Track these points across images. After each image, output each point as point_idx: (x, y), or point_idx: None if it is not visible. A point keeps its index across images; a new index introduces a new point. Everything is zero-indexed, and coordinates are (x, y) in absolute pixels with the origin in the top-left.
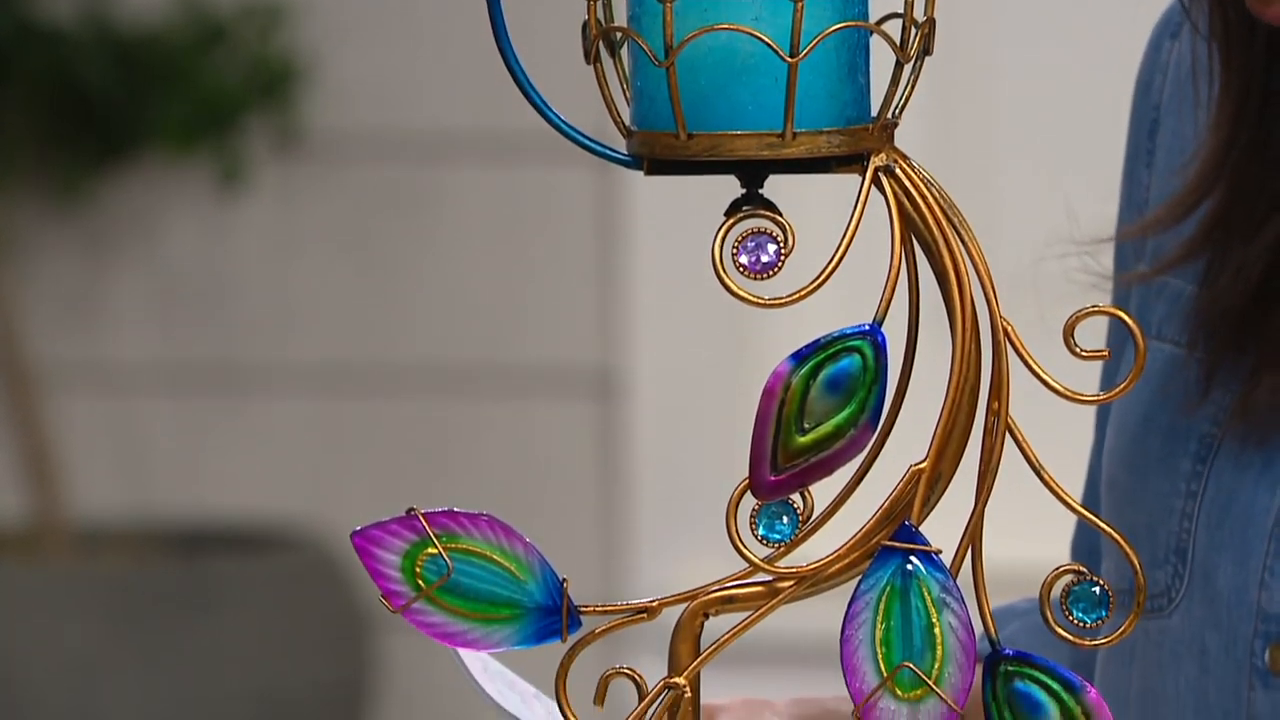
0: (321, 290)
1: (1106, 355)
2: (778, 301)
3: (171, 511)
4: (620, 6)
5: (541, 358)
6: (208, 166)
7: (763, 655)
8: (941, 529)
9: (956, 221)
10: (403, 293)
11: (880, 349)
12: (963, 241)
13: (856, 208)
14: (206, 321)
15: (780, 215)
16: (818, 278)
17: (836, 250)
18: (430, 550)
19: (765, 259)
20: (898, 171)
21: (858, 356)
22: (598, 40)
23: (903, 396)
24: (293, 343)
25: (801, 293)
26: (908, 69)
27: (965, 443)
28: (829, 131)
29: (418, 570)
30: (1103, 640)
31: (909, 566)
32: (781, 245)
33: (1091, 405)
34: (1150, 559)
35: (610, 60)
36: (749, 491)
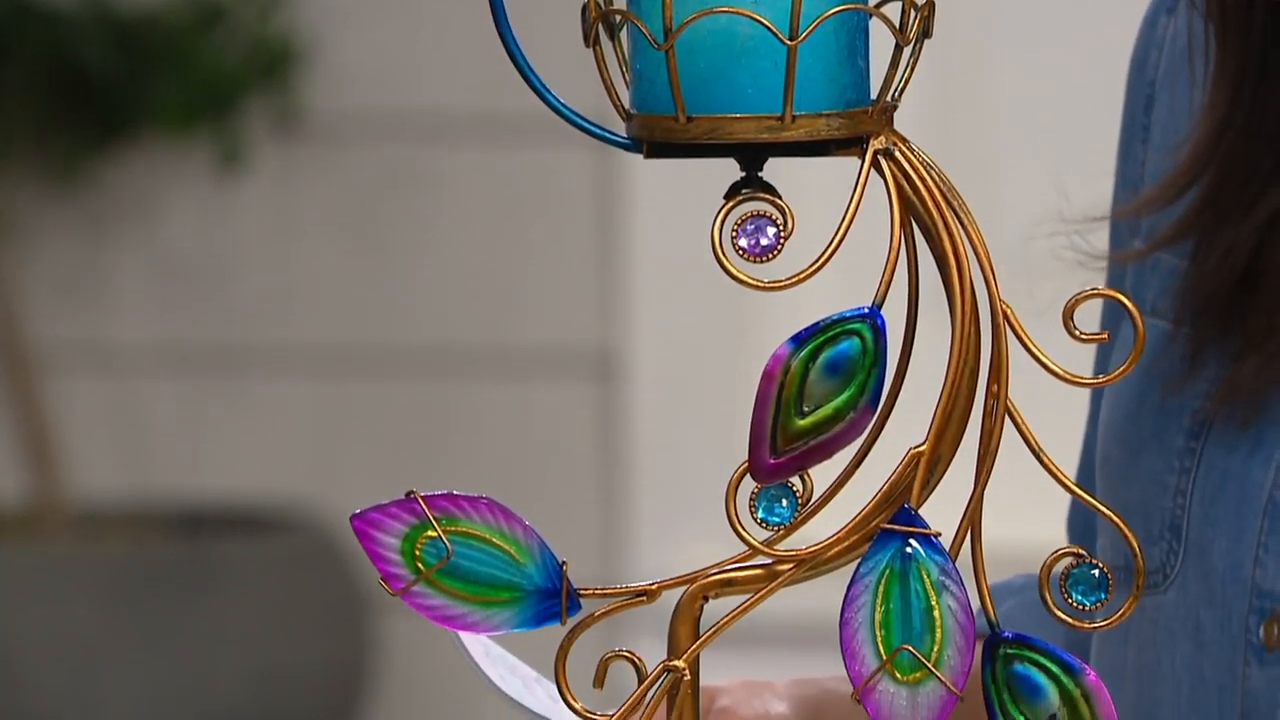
0: (321, 271)
1: (1105, 338)
2: (777, 284)
3: (171, 493)
4: None
5: (541, 339)
6: (207, 148)
7: (762, 637)
8: (941, 512)
9: (956, 205)
10: (402, 274)
11: (880, 332)
12: (962, 225)
13: (856, 191)
14: (206, 303)
15: (780, 198)
16: (817, 261)
17: (836, 233)
18: (430, 533)
19: (765, 242)
20: (897, 154)
21: (857, 339)
22: (597, 23)
23: (902, 379)
24: (293, 324)
25: (801, 276)
26: (907, 52)
27: (965, 425)
28: (828, 114)
29: (417, 553)
30: (1102, 623)
31: (908, 549)
32: (781, 228)
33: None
34: (1145, 536)
35: (609, 43)
36: (748, 474)
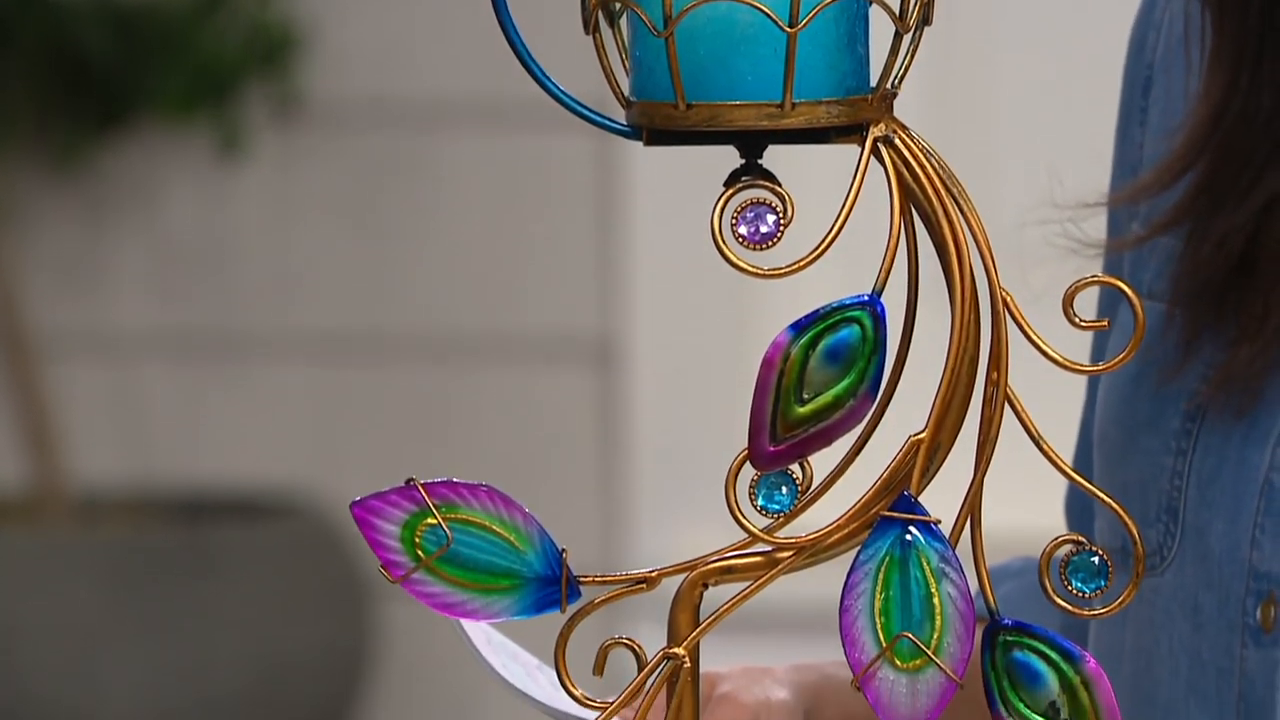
0: (320, 258)
1: (1106, 325)
2: (777, 272)
3: (171, 479)
4: None
5: (541, 326)
6: (207, 134)
7: (762, 624)
8: (940, 499)
9: (956, 192)
10: (402, 261)
11: (879, 319)
12: (962, 212)
13: (856, 178)
14: (206, 289)
15: (779, 186)
16: (817, 248)
17: (836, 221)
18: (429, 521)
19: (764, 229)
20: (897, 142)
21: (857, 327)
22: (596, 10)
23: (902, 367)
24: (292, 310)
25: (801, 263)
26: (907, 39)
27: (964, 413)
28: (828, 102)
29: (417, 541)
30: (1101, 610)
31: (908, 536)
32: (780, 216)
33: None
34: (1142, 518)
35: (609, 30)
36: (748, 462)
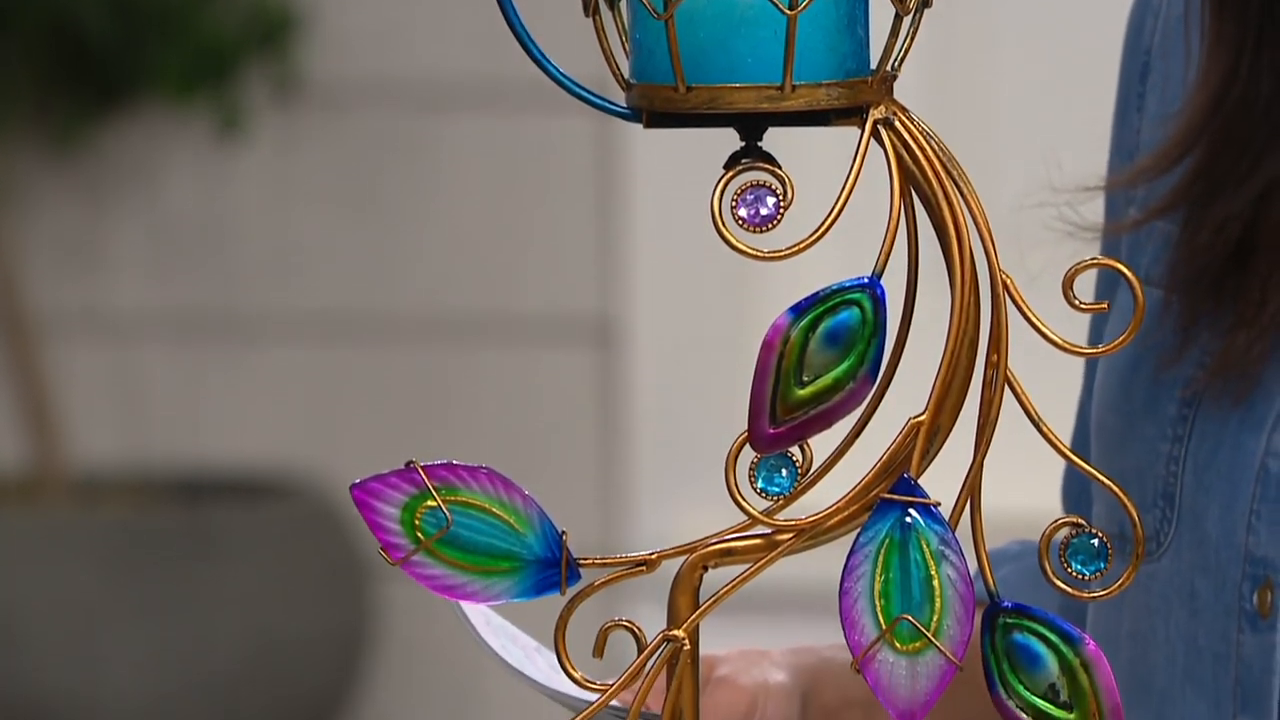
0: (320, 238)
1: (1105, 307)
2: (777, 254)
3: (171, 459)
4: None
5: (541, 307)
6: (206, 115)
7: (762, 606)
8: (940, 481)
9: (956, 174)
10: (402, 241)
11: (879, 302)
12: (962, 194)
13: (855, 160)
14: (205, 269)
15: (779, 168)
16: (817, 230)
17: (835, 203)
18: (429, 503)
19: (764, 212)
20: (897, 124)
21: (857, 309)
22: None
23: (902, 349)
24: (292, 291)
25: (800, 245)
26: (907, 21)
27: (964, 395)
28: (828, 84)
29: (417, 523)
30: (1101, 592)
31: (908, 519)
32: (780, 198)
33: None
34: (1139, 503)
35: (609, 13)
36: (748, 444)
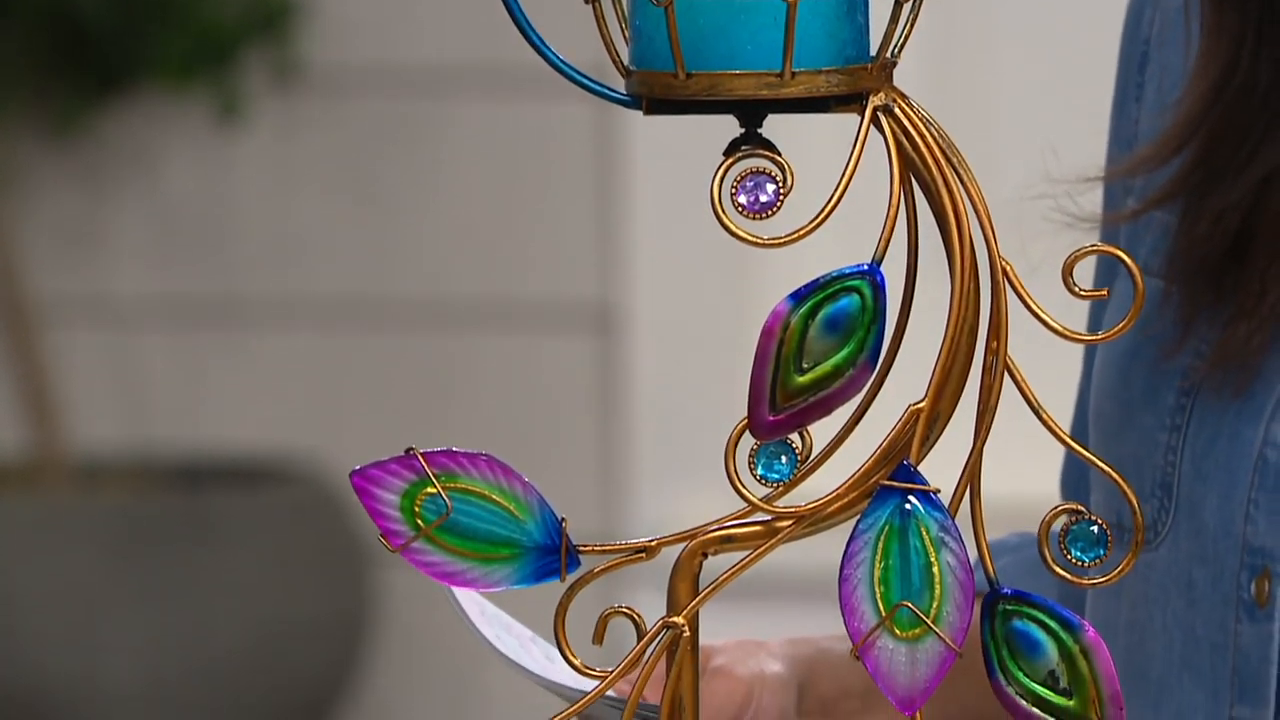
0: (320, 225)
1: (1105, 294)
2: (776, 241)
3: (171, 445)
4: None
5: (541, 293)
6: (206, 101)
7: (762, 593)
8: (940, 468)
9: (955, 161)
10: (402, 227)
11: (879, 288)
12: (962, 181)
13: (855, 147)
14: (206, 255)
15: (779, 155)
16: (816, 217)
17: (835, 190)
18: (429, 490)
19: (764, 198)
20: (897, 111)
21: (856, 296)
22: None
23: (901, 336)
24: (292, 277)
25: (800, 232)
26: (907, 8)
27: (964, 382)
28: (828, 71)
29: (416, 510)
30: (1100, 579)
31: (907, 506)
32: (780, 185)
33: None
34: (1137, 492)
35: (609, 0)
36: (747, 431)
